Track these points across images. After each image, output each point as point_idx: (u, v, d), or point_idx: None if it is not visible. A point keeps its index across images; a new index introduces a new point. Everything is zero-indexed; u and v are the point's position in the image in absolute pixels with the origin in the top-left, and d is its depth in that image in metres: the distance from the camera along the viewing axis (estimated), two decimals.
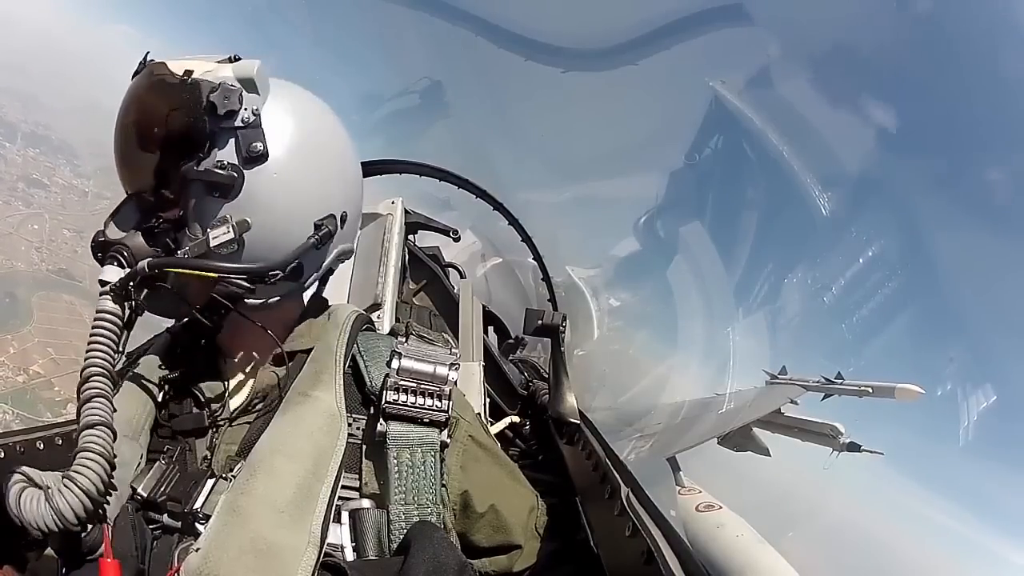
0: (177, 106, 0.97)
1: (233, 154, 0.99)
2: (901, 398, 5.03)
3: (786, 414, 4.92)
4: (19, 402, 26.80)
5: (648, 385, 5.88)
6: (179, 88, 0.98)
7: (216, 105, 0.97)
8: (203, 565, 0.82)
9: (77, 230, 38.31)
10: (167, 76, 0.99)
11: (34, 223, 37.42)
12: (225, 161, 0.98)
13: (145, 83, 1.01)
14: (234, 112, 0.98)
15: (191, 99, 0.97)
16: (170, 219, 1.00)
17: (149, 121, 1.00)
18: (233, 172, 0.98)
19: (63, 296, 32.95)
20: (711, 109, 7.80)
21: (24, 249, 35.32)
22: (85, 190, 42.24)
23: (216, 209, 0.99)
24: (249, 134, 0.99)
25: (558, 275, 4.20)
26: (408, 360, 1.03)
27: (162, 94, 0.99)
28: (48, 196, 40.59)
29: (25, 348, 28.92)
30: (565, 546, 1.13)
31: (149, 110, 1.00)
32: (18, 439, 1.37)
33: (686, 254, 7.74)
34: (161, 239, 1.00)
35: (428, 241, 3.06)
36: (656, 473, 2.83)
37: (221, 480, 0.96)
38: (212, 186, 0.98)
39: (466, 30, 8.89)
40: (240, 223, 0.99)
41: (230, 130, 0.99)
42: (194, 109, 0.97)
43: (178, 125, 0.97)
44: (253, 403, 1.07)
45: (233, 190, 0.99)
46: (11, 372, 27.91)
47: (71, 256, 36.61)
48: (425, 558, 0.85)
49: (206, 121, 0.97)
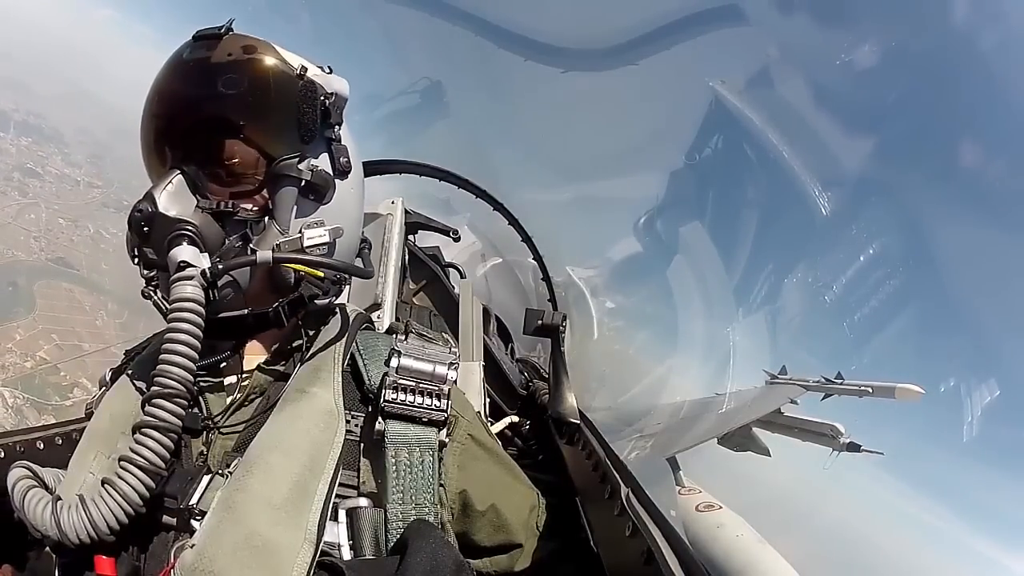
0: (293, 100, 0.97)
1: (327, 162, 1.03)
2: (901, 398, 5.03)
3: (786, 414, 4.92)
4: (28, 387, 27.45)
5: (648, 385, 5.88)
6: (296, 82, 0.97)
7: (331, 112, 1.00)
8: (198, 561, 0.82)
9: (72, 219, 38.53)
10: (280, 63, 0.97)
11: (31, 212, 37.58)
12: (319, 167, 1.02)
13: (250, 58, 0.96)
14: (338, 124, 1.03)
15: (308, 98, 0.97)
16: (253, 207, 0.98)
17: (255, 102, 0.96)
18: (328, 179, 1.02)
19: (62, 284, 33.35)
20: (711, 109, 7.80)
21: (23, 239, 35.59)
22: (77, 179, 42.42)
23: (309, 210, 1.02)
24: (340, 148, 1.05)
25: (558, 275, 4.20)
26: (407, 359, 1.02)
27: (276, 80, 0.97)
28: (43, 185, 40.77)
29: (31, 335, 29.46)
30: (565, 545, 1.13)
31: (257, 90, 0.96)
32: (18, 439, 1.37)
33: (686, 254, 7.74)
34: (239, 226, 0.97)
35: (428, 241, 3.07)
36: (656, 473, 2.83)
37: (217, 476, 0.95)
38: (310, 187, 1.00)
39: (466, 30, 8.89)
40: (335, 229, 1.03)
41: (328, 139, 1.03)
42: (311, 108, 0.98)
43: (291, 119, 0.97)
44: (251, 399, 1.06)
45: (326, 196, 1.03)
46: (19, 359, 28.59)
47: (68, 245, 36.86)
48: (422, 557, 0.85)
49: (319, 125, 0.99)
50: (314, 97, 0.97)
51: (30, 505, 0.85)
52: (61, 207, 39.48)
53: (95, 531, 0.83)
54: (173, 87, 0.98)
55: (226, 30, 0.98)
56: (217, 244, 0.95)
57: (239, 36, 0.98)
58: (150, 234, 0.92)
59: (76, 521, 0.83)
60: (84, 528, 0.82)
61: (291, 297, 1.04)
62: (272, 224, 0.99)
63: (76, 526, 0.82)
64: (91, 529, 0.83)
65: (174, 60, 0.99)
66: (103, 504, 0.83)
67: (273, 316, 1.04)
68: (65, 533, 0.82)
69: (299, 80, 0.97)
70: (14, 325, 29.44)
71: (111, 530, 0.84)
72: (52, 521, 0.83)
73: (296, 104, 0.97)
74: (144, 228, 0.92)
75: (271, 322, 1.04)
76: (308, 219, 1.01)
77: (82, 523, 0.82)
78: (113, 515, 0.83)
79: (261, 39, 0.99)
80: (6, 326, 29.13)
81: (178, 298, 0.87)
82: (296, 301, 1.04)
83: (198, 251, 0.91)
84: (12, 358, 28.41)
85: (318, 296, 1.06)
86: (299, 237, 0.99)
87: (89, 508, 0.83)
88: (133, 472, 0.85)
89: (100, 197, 40.66)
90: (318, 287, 1.05)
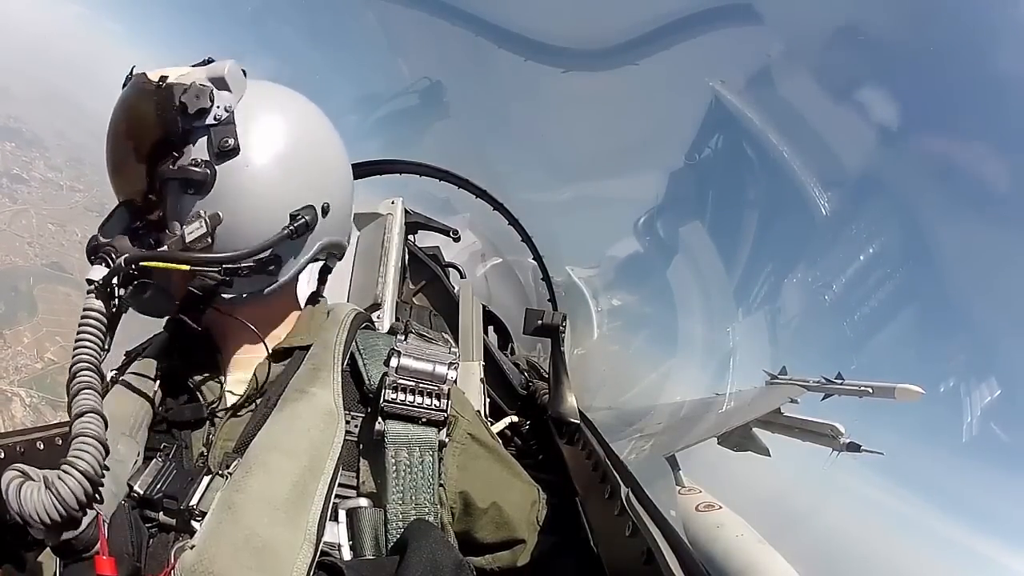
0: (152, 111, 1.01)
1: (205, 151, 1.01)
2: (901, 398, 5.03)
3: (786, 414, 4.92)
4: (41, 386, 28.62)
5: (648, 385, 5.88)
6: (153, 93, 1.01)
7: (187, 105, 1.00)
8: (198, 563, 0.82)
9: (60, 223, 38.86)
10: (145, 84, 1.03)
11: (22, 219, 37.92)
12: (199, 158, 1.01)
13: (126, 94, 1.05)
14: (205, 110, 1.00)
15: (164, 102, 1.00)
16: (152, 220, 1.04)
17: (129, 129, 1.05)
18: (206, 168, 1.01)
19: (59, 288, 33.86)
20: (711, 109, 7.81)
21: (18, 244, 36.01)
22: (60, 183, 42.73)
23: (191, 205, 1.01)
24: (221, 130, 1.02)
25: (558, 275, 4.21)
26: (407, 359, 1.02)
27: (140, 101, 1.03)
28: (30, 191, 40.96)
29: (37, 337, 30.24)
30: (565, 540, 1.13)
31: (129, 118, 1.05)
32: (18, 439, 1.37)
33: (686, 254, 7.75)
34: (145, 239, 1.03)
35: (428, 241, 3.06)
36: (656, 473, 2.83)
37: (217, 477, 0.95)
38: (186, 183, 1.01)
39: (466, 30, 8.89)
40: (212, 217, 1.00)
41: (202, 128, 1.01)
42: (167, 111, 1.00)
43: (153, 128, 1.01)
44: (250, 399, 1.06)
45: (205, 186, 1.01)
46: (29, 360, 29.60)
47: (59, 249, 37.31)
48: (422, 557, 0.85)
49: (178, 121, 1.00)
50: (170, 99, 1.00)
51: (24, 497, 0.83)
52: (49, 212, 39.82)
53: (63, 507, 0.80)
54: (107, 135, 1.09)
55: (127, 78, 1.07)
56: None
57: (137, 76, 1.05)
58: (92, 260, 1.01)
59: (45, 499, 0.80)
60: (53, 505, 0.80)
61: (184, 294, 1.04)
62: (164, 229, 1.03)
63: (46, 504, 0.80)
64: (59, 506, 0.80)
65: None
66: (67, 478, 0.81)
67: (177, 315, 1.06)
68: (34, 513, 0.79)
69: (156, 91, 1.01)
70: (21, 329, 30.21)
71: (79, 505, 0.82)
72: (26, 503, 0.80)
73: (154, 114, 1.01)
74: (90, 258, 1.01)
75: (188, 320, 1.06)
76: (189, 215, 1.01)
77: (51, 500, 0.80)
78: (80, 487, 0.81)
79: (140, 72, 1.05)
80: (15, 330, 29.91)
81: (83, 308, 0.95)
82: (188, 297, 1.04)
83: (106, 268, 0.98)
84: (24, 360, 29.39)
85: (215, 288, 1.02)
86: (181, 235, 1.01)
87: (55, 485, 0.81)
88: (83, 444, 0.84)
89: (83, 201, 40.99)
90: (208, 277, 1.01)
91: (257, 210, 1.03)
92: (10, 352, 29.08)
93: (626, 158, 8.51)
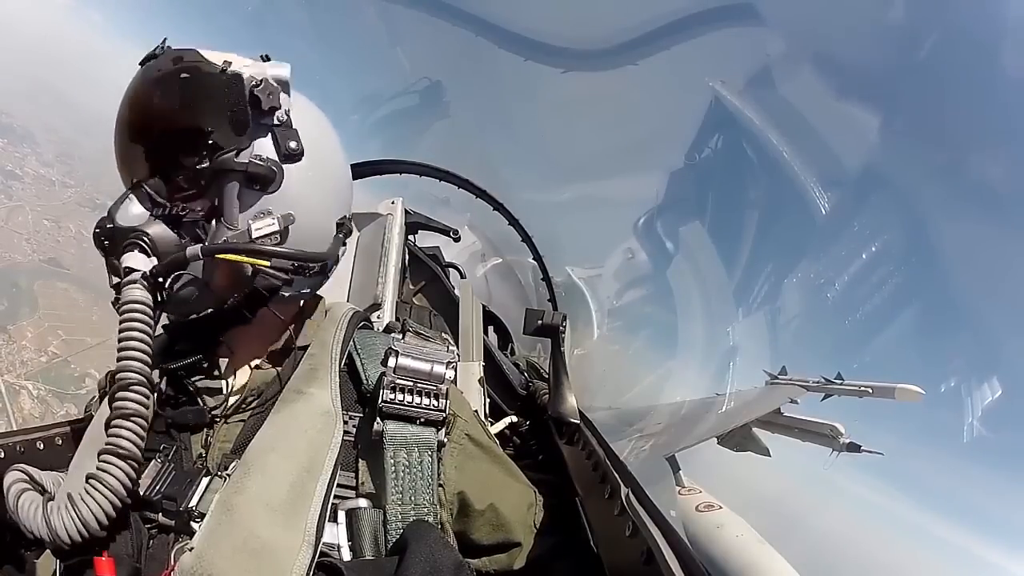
0: (218, 96, 0.98)
1: (271, 149, 1.02)
2: (901, 399, 5.02)
3: (786, 414, 4.91)
4: (47, 379, 29.21)
5: (648, 385, 5.88)
6: (219, 78, 0.98)
7: (260, 100, 0.99)
8: (197, 564, 0.82)
9: (54, 219, 39.13)
10: (202, 64, 0.99)
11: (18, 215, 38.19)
12: (264, 156, 1.01)
13: (175, 69, 0.99)
14: (275, 109, 1.01)
15: (233, 91, 0.98)
16: (201, 208, 1.00)
17: (182, 108, 0.99)
18: (272, 167, 1.00)
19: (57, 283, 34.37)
20: (711, 109, 7.81)
21: (16, 241, 36.33)
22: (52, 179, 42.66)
23: (254, 201, 1.01)
24: (285, 132, 1.03)
25: (558, 275, 4.20)
26: (405, 358, 1.02)
27: (200, 82, 0.98)
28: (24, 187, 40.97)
29: (39, 332, 30.89)
30: (564, 541, 1.13)
31: (183, 97, 0.99)
32: (18, 439, 1.37)
33: (686, 254, 7.75)
34: (191, 228, 0.99)
35: (428, 241, 3.06)
36: (656, 473, 2.83)
37: (216, 478, 0.95)
38: (252, 178, 0.99)
39: (466, 30, 8.89)
40: (285, 216, 1.01)
41: (267, 126, 1.02)
42: (237, 101, 0.98)
43: (217, 115, 0.98)
44: (248, 400, 1.06)
45: (273, 183, 1.01)
46: (34, 354, 30.41)
47: (55, 246, 37.66)
48: (421, 558, 0.85)
49: (249, 114, 0.99)
50: (239, 88, 0.98)
51: (23, 508, 0.85)
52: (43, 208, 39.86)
53: (85, 528, 0.82)
54: (123, 113, 1.02)
55: (160, 49, 1.02)
56: (172, 248, 0.97)
57: (172, 51, 1.01)
58: (109, 247, 0.97)
59: (66, 520, 0.82)
60: (74, 526, 0.82)
61: (246, 291, 1.02)
62: (222, 221, 1.00)
63: (67, 525, 0.82)
64: (81, 527, 0.82)
65: (127, 89, 1.03)
66: (90, 500, 0.83)
67: (231, 311, 1.03)
68: (56, 533, 0.82)
69: (222, 75, 0.98)
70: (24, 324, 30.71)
71: (100, 525, 0.83)
72: (43, 523, 0.82)
73: (220, 100, 0.98)
74: (104, 242, 0.97)
75: (239, 317, 1.04)
76: (254, 210, 1.01)
77: (72, 521, 0.82)
78: (101, 509, 0.83)
79: (189, 48, 1.01)
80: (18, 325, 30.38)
81: (125, 300, 0.91)
82: (252, 294, 1.03)
83: (146, 257, 0.94)
84: (28, 354, 29.96)
85: (279, 287, 1.04)
86: (246, 230, 0.99)
87: (77, 506, 0.83)
88: (112, 462, 0.85)
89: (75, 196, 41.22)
90: (275, 277, 1.02)
91: (317, 214, 1.08)
92: (15, 347, 29.58)
93: (626, 158, 8.50)
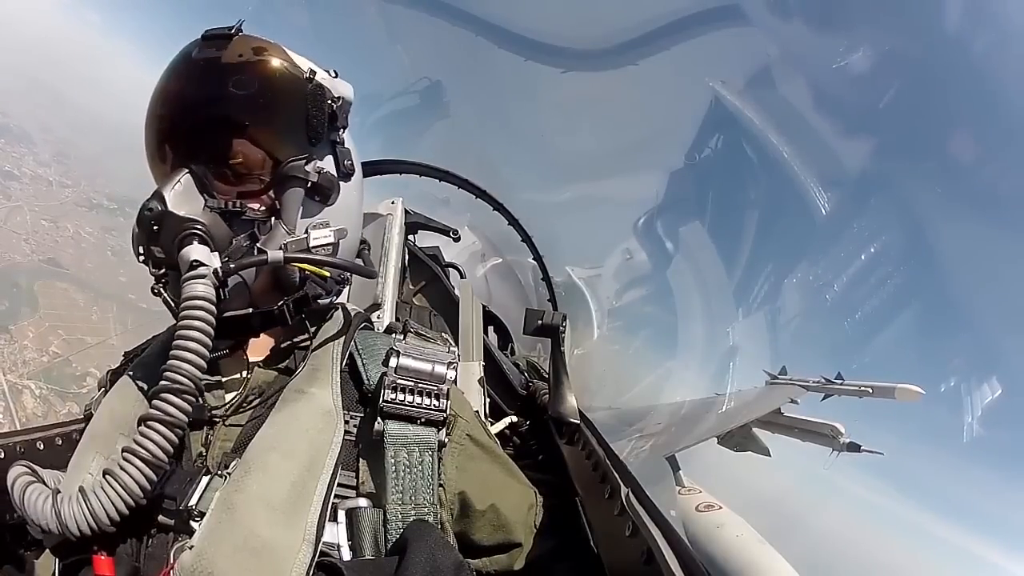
0: (301, 102, 0.98)
1: (331, 164, 1.05)
2: (901, 399, 5.02)
3: (786, 414, 4.91)
4: (49, 378, 29.59)
5: (648, 385, 5.88)
6: (304, 84, 0.99)
7: (337, 116, 1.02)
8: (197, 563, 0.82)
9: (52, 219, 39.44)
10: (290, 65, 0.99)
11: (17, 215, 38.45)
12: (325, 169, 1.03)
13: (261, 59, 0.97)
14: (344, 127, 1.06)
15: (317, 101, 0.99)
16: (261, 207, 1.00)
17: (265, 103, 0.97)
18: (334, 180, 1.05)
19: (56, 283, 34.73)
20: (711, 109, 7.81)
21: (15, 241, 36.68)
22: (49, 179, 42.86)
23: (315, 211, 1.04)
24: (344, 150, 1.07)
25: (558, 275, 4.21)
26: (406, 358, 1.02)
27: (285, 83, 0.98)
28: (22, 187, 41.17)
29: (40, 332, 31.31)
30: (564, 543, 1.13)
31: (267, 91, 0.97)
32: (18, 439, 1.37)
33: (686, 254, 7.75)
34: (246, 226, 0.99)
35: (428, 241, 3.06)
36: (656, 473, 2.82)
37: (216, 477, 0.95)
38: (316, 189, 1.02)
39: (466, 30, 8.89)
40: (340, 230, 1.05)
41: (333, 142, 1.05)
42: (319, 111, 1.00)
43: (296, 119, 0.99)
44: (249, 399, 1.06)
45: (332, 197, 1.05)
46: (35, 354, 30.93)
47: (54, 246, 38.03)
48: (422, 558, 0.85)
49: (326, 127, 1.01)
50: (322, 100, 0.99)
51: (30, 500, 0.84)
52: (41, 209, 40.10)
53: (96, 522, 0.82)
54: (181, 86, 0.99)
55: (236, 30, 0.99)
56: (225, 243, 0.95)
57: (249, 37, 0.99)
58: (159, 233, 0.92)
59: (76, 512, 0.82)
60: (84, 519, 0.82)
61: (296, 296, 1.05)
62: (279, 224, 1.00)
63: (76, 517, 0.82)
64: (91, 520, 0.82)
65: (182, 59, 0.99)
66: (103, 495, 0.83)
67: (278, 315, 1.04)
68: (65, 524, 0.82)
69: (308, 83, 0.98)
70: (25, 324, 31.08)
71: (111, 521, 0.83)
72: (52, 513, 0.82)
73: (304, 107, 0.99)
74: (154, 227, 0.92)
75: (276, 320, 1.05)
76: (314, 220, 1.03)
77: (82, 514, 0.82)
78: (113, 506, 0.83)
79: (271, 41, 1.00)
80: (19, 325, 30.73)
81: (190, 296, 0.87)
82: (301, 300, 1.05)
83: (208, 250, 0.92)
84: (30, 354, 30.43)
85: (321, 296, 1.08)
86: (305, 237, 1.00)
87: (90, 499, 0.83)
88: (135, 464, 0.84)
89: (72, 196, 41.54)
90: (322, 287, 1.07)
91: (356, 230, 1.14)
92: (16, 347, 30.00)
93: (626, 158, 8.50)
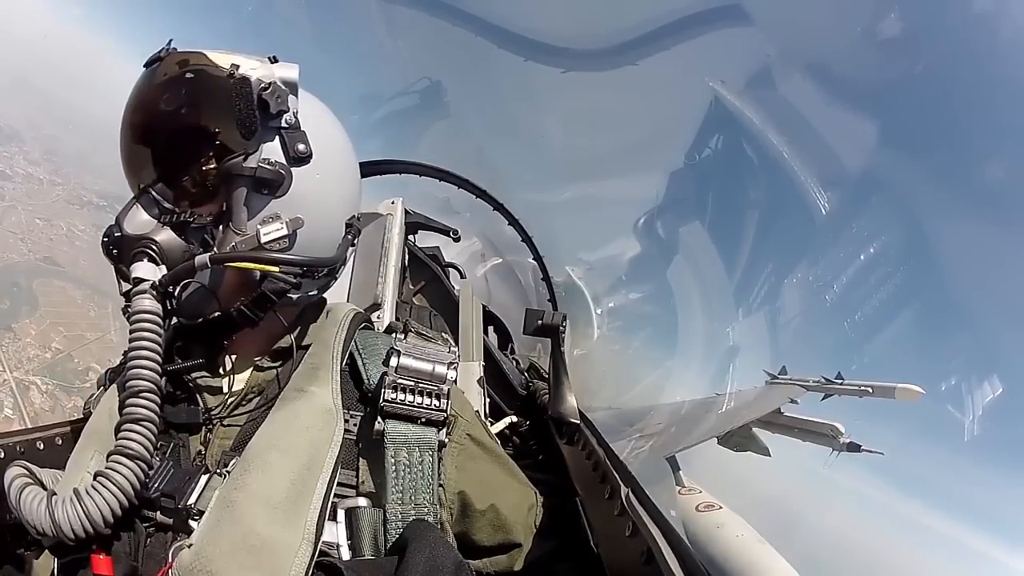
0: (225, 100, 0.97)
1: (279, 153, 1.01)
2: (901, 398, 5.03)
3: (786, 414, 4.91)
4: (53, 374, 30.30)
5: (648, 385, 5.88)
6: (226, 82, 0.97)
7: (268, 103, 0.98)
8: (196, 561, 0.82)
9: (46, 218, 39.72)
10: (210, 67, 0.98)
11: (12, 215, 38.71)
12: (272, 159, 1.00)
13: (181, 72, 0.98)
14: (283, 112, 1.01)
15: (241, 94, 0.97)
16: (208, 214, 1.00)
17: (190, 115, 0.98)
18: (280, 170, 1.00)
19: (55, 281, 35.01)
20: (711, 109, 7.80)
21: (12, 241, 36.97)
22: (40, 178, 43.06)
23: (262, 206, 1.01)
24: (293, 135, 1.02)
25: (558, 275, 4.21)
26: (406, 358, 1.02)
27: (206, 87, 0.98)
28: (15, 187, 41.40)
29: (42, 329, 31.72)
30: (564, 544, 1.13)
31: (191, 103, 0.98)
32: (18, 439, 1.37)
33: (686, 254, 7.75)
34: (198, 234, 0.99)
35: (428, 241, 3.06)
36: (656, 473, 2.83)
37: (215, 476, 0.95)
38: (260, 183, 0.99)
39: (466, 30, 8.88)
40: (294, 220, 1.01)
41: (275, 129, 1.01)
42: (245, 105, 0.97)
43: (224, 119, 0.97)
44: (249, 398, 1.06)
45: (282, 188, 1.01)
46: (39, 351, 31.55)
47: (49, 244, 38.31)
48: (421, 558, 0.85)
49: (257, 118, 0.98)
50: (247, 92, 0.97)
51: (25, 502, 0.85)
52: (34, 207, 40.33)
53: (90, 524, 0.83)
54: (128, 117, 1.02)
55: (165, 52, 1.01)
56: (179, 255, 0.97)
57: (176, 53, 1.00)
58: (120, 255, 0.97)
59: (71, 514, 0.83)
60: (79, 521, 0.83)
61: (253, 295, 1.02)
62: (230, 227, 1.00)
63: (71, 520, 0.83)
64: (86, 522, 0.83)
65: (132, 92, 1.03)
66: (97, 496, 0.84)
67: (237, 315, 1.03)
68: (59, 527, 0.82)
69: (230, 79, 0.97)
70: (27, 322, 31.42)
71: (106, 522, 0.84)
72: (47, 516, 0.83)
73: (228, 103, 0.97)
74: (113, 251, 0.97)
75: (246, 320, 1.04)
76: (262, 215, 1.00)
77: (77, 516, 0.83)
78: (108, 506, 0.84)
79: (195, 50, 1.00)
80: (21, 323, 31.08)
81: (135, 310, 0.92)
82: (260, 297, 1.02)
83: (155, 266, 0.95)
84: (34, 351, 31.04)
85: (287, 290, 1.03)
86: (255, 235, 0.99)
87: (84, 501, 0.84)
88: (123, 462, 0.86)
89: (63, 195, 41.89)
90: (283, 282, 1.02)
91: (327, 216, 1.07)
92: (20, 344, 30.70)
93: (626, 158, 8.49)
